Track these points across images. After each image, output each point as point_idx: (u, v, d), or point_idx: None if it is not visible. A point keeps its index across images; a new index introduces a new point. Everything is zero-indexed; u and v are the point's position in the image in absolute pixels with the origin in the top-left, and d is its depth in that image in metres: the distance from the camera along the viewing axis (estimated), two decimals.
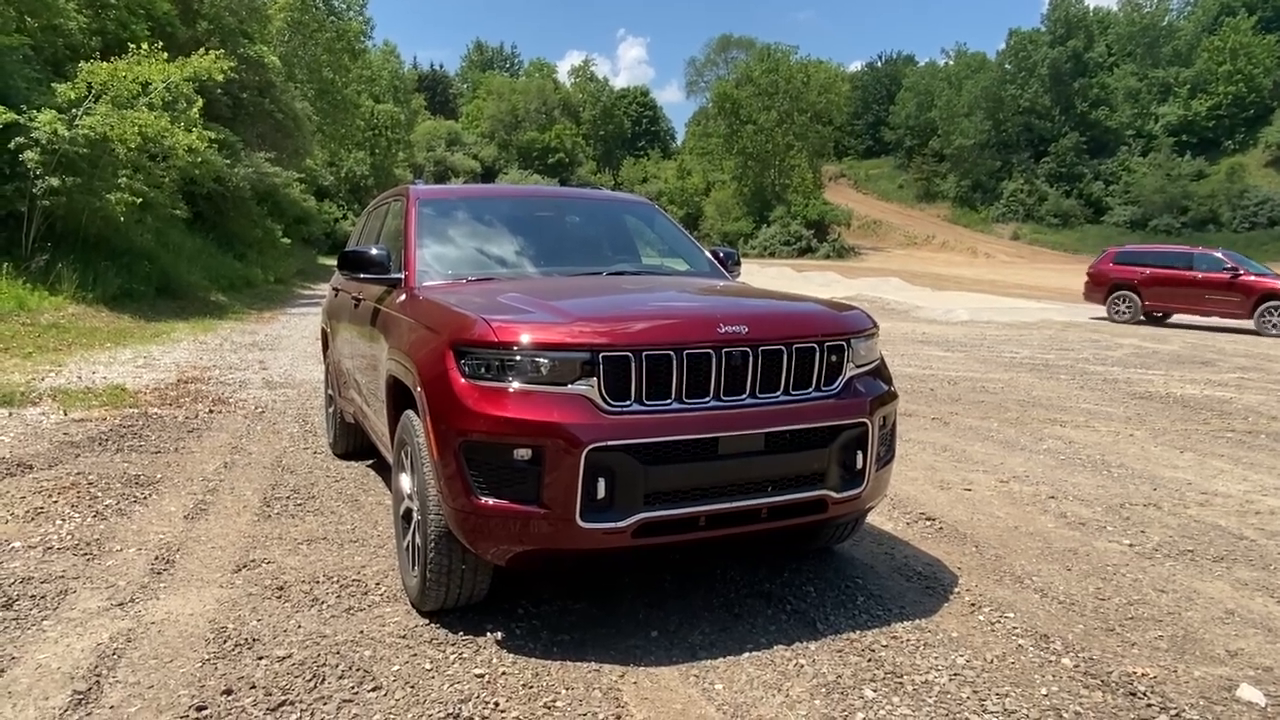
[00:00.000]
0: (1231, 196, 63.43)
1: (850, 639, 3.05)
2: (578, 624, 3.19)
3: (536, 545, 2.85)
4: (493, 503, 2.81)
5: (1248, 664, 2.96)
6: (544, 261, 4.24)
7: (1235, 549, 4.14)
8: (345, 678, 2.79)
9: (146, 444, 6.15)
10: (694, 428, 2.85)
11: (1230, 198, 63.46)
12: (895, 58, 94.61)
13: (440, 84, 77.85)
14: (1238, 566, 3.90)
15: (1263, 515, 4.70)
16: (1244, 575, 3.80)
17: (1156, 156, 68.35)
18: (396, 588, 3.54)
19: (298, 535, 4.24)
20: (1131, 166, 69.74)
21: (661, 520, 2.84)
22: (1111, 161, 71.42)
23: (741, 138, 66.34)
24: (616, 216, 4.92)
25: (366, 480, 5.32)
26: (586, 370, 2.80)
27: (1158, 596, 3.51)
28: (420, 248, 4.03)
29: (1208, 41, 69.48)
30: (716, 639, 3.05)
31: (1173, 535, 4.31)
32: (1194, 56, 70.65)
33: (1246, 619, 3.33)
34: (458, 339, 2.91)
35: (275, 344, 12.50)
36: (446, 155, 64.88)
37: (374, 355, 4.03)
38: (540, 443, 2.75)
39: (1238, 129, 68.08)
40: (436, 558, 3.03)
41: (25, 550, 4.01)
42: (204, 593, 3.53)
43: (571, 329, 2.86)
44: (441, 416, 2.88)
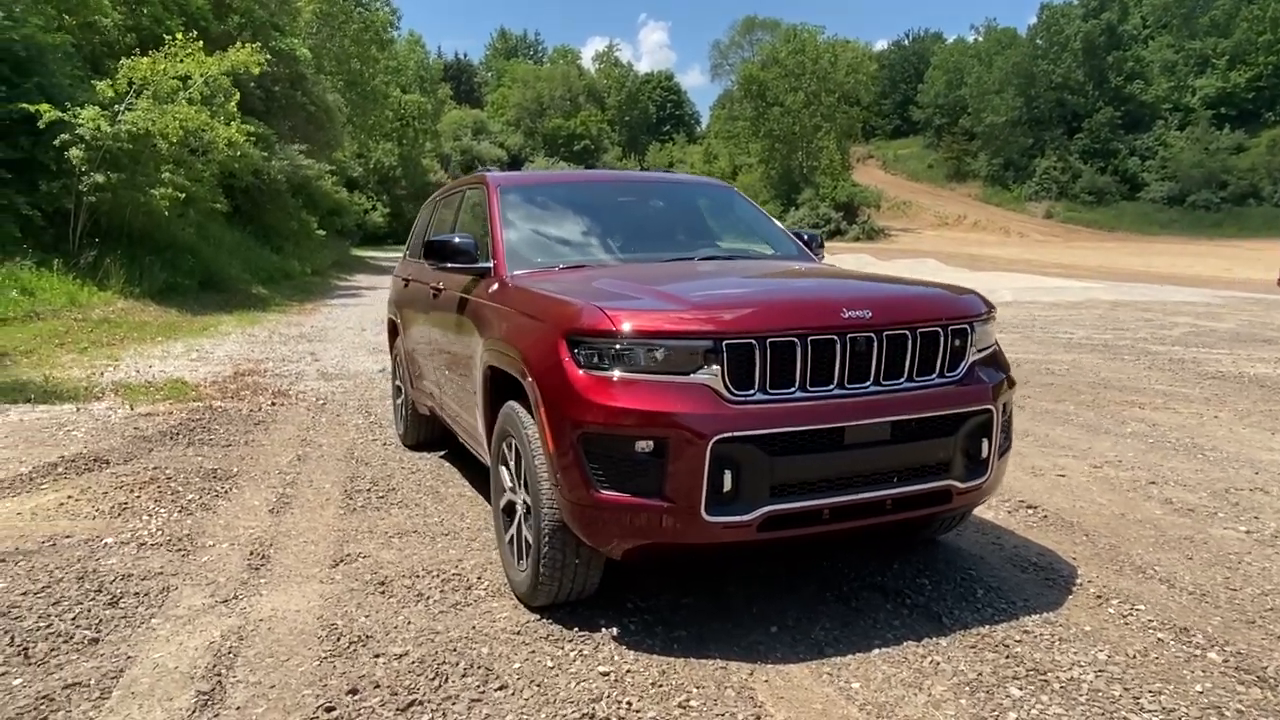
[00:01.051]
0: (1273, 170, 61.89)
1: (981, 634, 2.94)
2: (692, 619, 3.11)
3: (658, 539, 2.77)
4: (613, 496, 2.73)
5: None
6: (631, 247, 4.14)
7: None
8: (468, 676, 2.73)
9: (216, 437, 6.16)
10: (820, 417, 2.74)
11: (1271, 171, 61.93)
12: (923, 35, 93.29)
13: (465, 73, 77.87)
14: None
15: None
16: None
17: (1194, 130, 66.82)
18: (499, 582, 3.48)
19: (387, 528, 4.20)
20: (1168, 141, 68.27)
21: (787, 513, 2.74)
22: (1147, 136, 69.94)
23: (768, 120, 65.72)
24: (696, 200, 4.81)
25: (443, 472, 5.28)
26: (709, 358, 2.70)
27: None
28: (506, 235, 3.95)
29: (1247, 11, 67.68)
30: (840, 634, 2.96)
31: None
32: (1233, 27, 68.83)
33: None
34: (572, 328, 2.83)
35: (322, 335, 12.54)
36: (473, 144, 64.87)
37: (463, 346, 3.97)
38: (663, 434, 2.66)
39: (1279, 100, 66.32)
40: (550, 552, 2.96)
41: (119, 547, 4.00)
42: (305, 588, 3.49)
43: (693, 316, 2.77)
44: (558, 408, 2.80)
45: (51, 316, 11.51)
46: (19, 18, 13.90)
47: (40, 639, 3.05)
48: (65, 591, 3.48)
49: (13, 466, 5.30)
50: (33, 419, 6.62)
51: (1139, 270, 30.26)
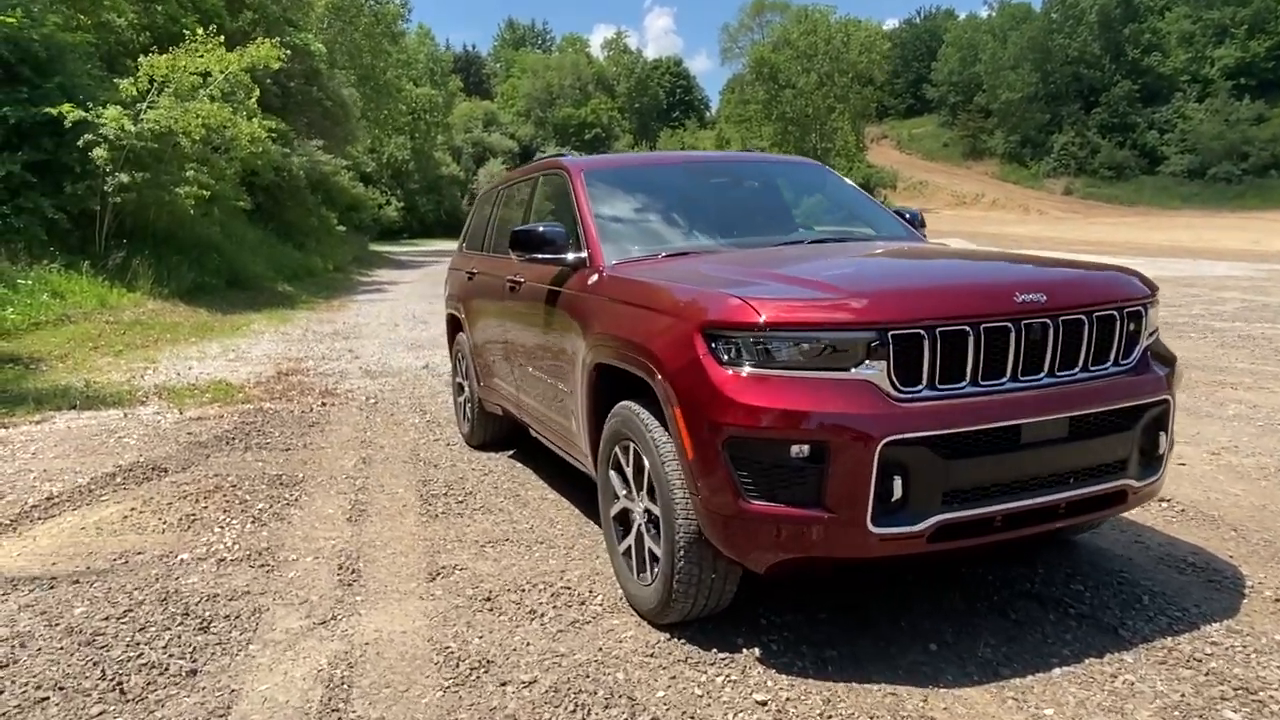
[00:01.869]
0: (831, 173, 60.84)
1: (1166, 647, 2.67)
2: (837, 635, 2.86)
3: (813, 553, 2.51)
4: (764, 507, 2.47)
5: None
6: (731, 231, 3.87)
7: None
8: (612, 707, 2.48)
9: (273, 441, 5.94)
10: (996, 414, 2.47)
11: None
12: (935, 12, 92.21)
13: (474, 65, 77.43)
14: None
15: None
16: None
17: (1214, 102, 65.82)
18: (614, 595, 3.23)
19: (475, 536, 3.96)
20: (1187, 113, 67.27)
21: (960, 522, 2.48)
22: (1166, 109, 68.97)
23: (781, 102, 65.10)
24: (789, 179, 4.53)
25: (517, 473, 5.04)
26: (874, 351, 2.43)
27: None
28: (598, 223, 3.69)
29: None
30: (1009, 652, 2.70)
31: None
32: None
33: None
34: (710, 320, 2.56)
35: (357, 332, 12.33)
36: (484, 136, 64.50)
37: (555, 342, 3.71)
38: (823, 438, 2.40)
39: None
40: (685, 566, 2.71)
41: (197, 563, 3.78)
42: (406, 606, 3.26)
43: (853, 304, 2.50)
44: (698, 410, 2.54)
45: (83, 319, 11.34)
46: (38, 17, 13.70)
47: (134, 671, 2.83)
48: (150, 616, 3.25)
49: (69, 477, 5.10)
50: (80, 426, 6.42)
51: (1165, 245, 29.69)
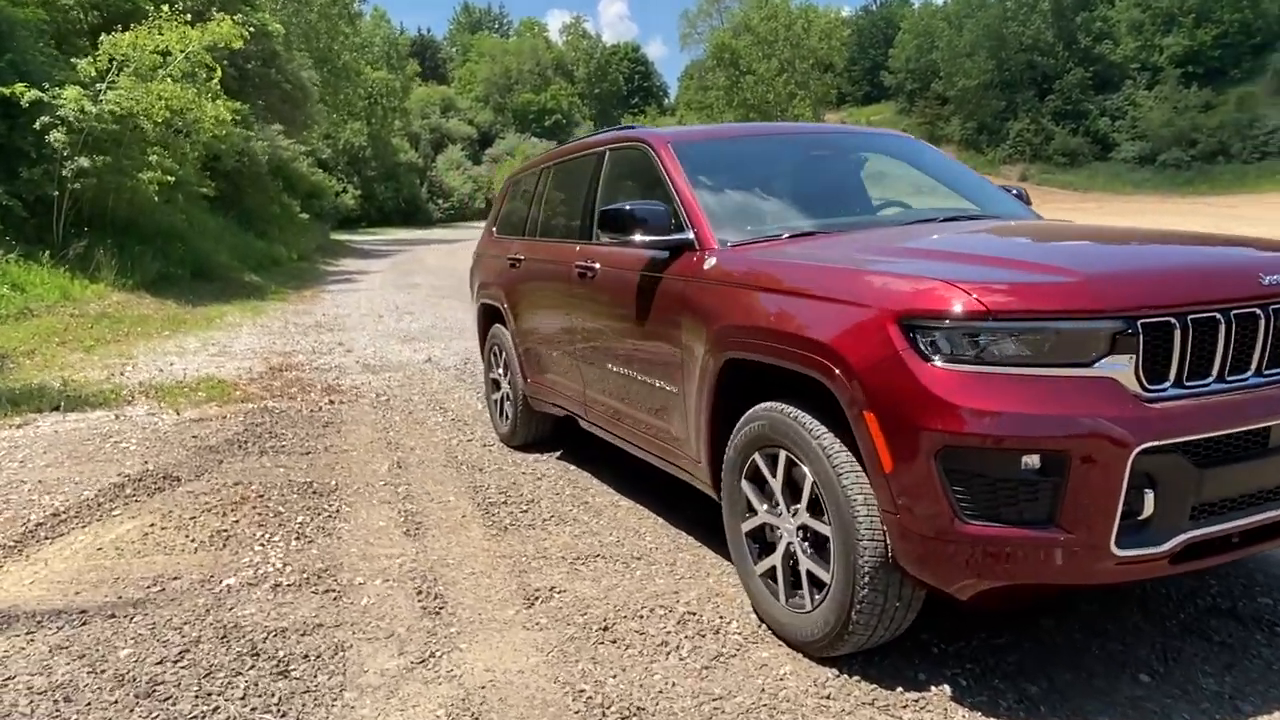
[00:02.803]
0: (1241, 127, 62.31)
1: None
2: (1026, 664, 2.53)
3: (1041, 580, 2.16)
4: (985, 528, 2.11)
5: None
6: (849, 209, 3.52)
7: None
8: None
9: (288, 444, 5.46)
10: (1249, 415, 2.15)
11: (1240, 128, 62.34)
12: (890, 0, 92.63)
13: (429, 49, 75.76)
14: None
15: None
16: None
17: (1163, 89, 67.02)
18: (749, 623, 2.86)
19: (559, 552, 3.56)
20: (1138, 101, 68.47)
21: (1205, 539, 2.15)
22: (1117, 96, 70.14)
23: (742, 89, 64.87)
24: (892, 153, 4.16)
25: (572, 476, 4.63)
26: (1118, 343, 2.08)
27: None
28: (702, 201, 3.29)
29: None
30: (1238, 682, 2.38)
31: None
32: None
33: None
34: (915, 309, 2.19)
35: (340, 324, 11.76)
36: (442, 122, 63.25)
37: (654, 335, 3.30)
38: (1063, 446, 2.05)
39: (1244, 57, 66.59)
40: (869, 595, 2.34)
41: (248, 589, 3.33)
42: (511, 638, 2.85)
43: (1094, 287, 2.15)
44: (903, 415, 2.16)
45: (46, 313, 10.62)
46: None
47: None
48: (213, 658, 2.80)
49: (70, 489, 4.58)
50: (69, 430, 5.86)
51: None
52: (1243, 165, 61.43)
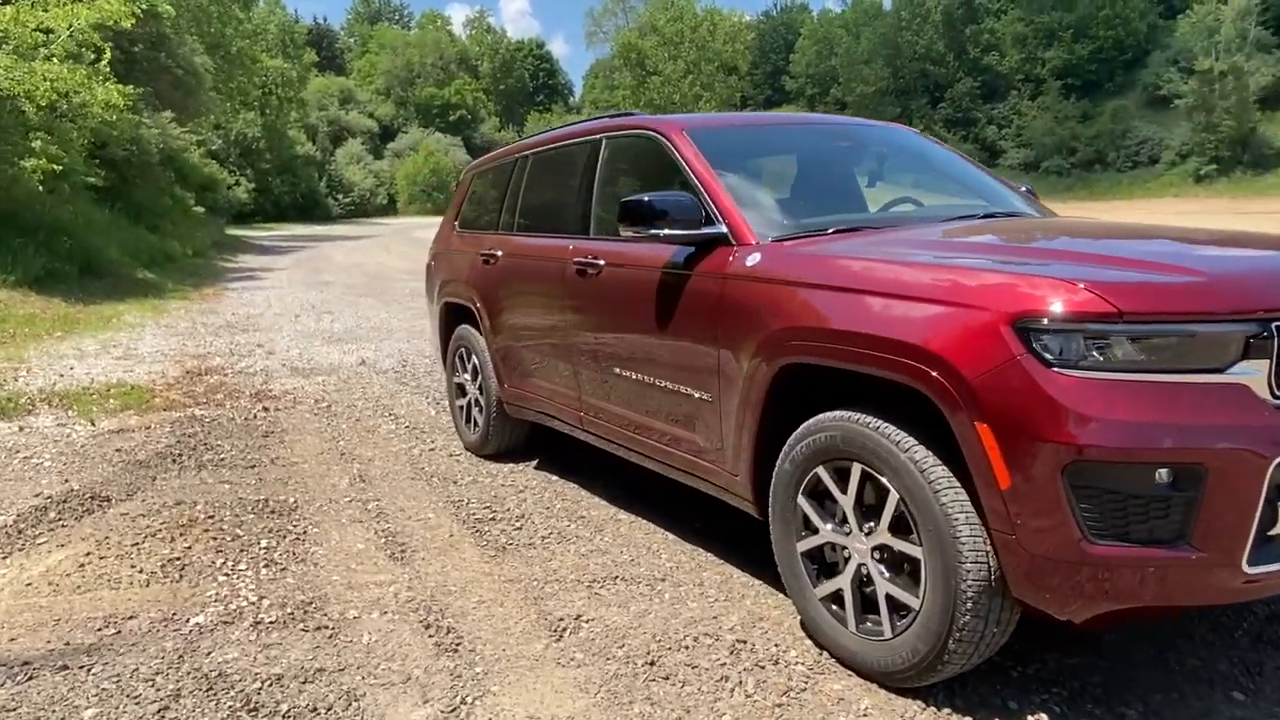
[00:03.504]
0: (1115, 137, 66.15)
1: None
2: (1111, 686, 2.38)
3: (1166, 601, 2.01)
4: (1114, 548, 1.95)
5: None
6: (887, 204, 3.33)
7: None
8: None
9: (228, 457, 4.96)
10: None
11: (1114, 139, 66.18)
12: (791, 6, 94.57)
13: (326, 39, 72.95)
14: None
15: None
16: None
17: (1045, 100, 70.50)
18: (809, 651, 2.64)
19: (573, 575, 3.26)
20: (1022, 110, 71.83)
21: None
22: (1004, 105, 73.39)
23: (648, 89, 65.09)
24: (909, 148, 4.00)
25: (557, 488, 4.32)
26: (1252, 348, 1.95)
27: None
28: (734, 193, 3.05)
29: None
30: None
31: None
32: (1075, 2, 72.85)
33: None
34: (1033, 310, 2.00)
35: (253, 325, 11.03)
36: (341, 114, 61.01)
37: (685, 337, 3.03)
38: (1199, 459, 1.90)
39: (1118, 72, 70.73)
40: (972, 621, 2.15)
41: (221, 628, 2.91)
42: (548, 678, 2.55)
43: (1227, 288, 2.01)
44: (1024, 427, 1.97)
45: None
46: None
47: None
48: (200, 716, 2.40)
49: None
50: None
51: None
52: (1117, 173, 65.23)
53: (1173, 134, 60.61)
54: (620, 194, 3.58)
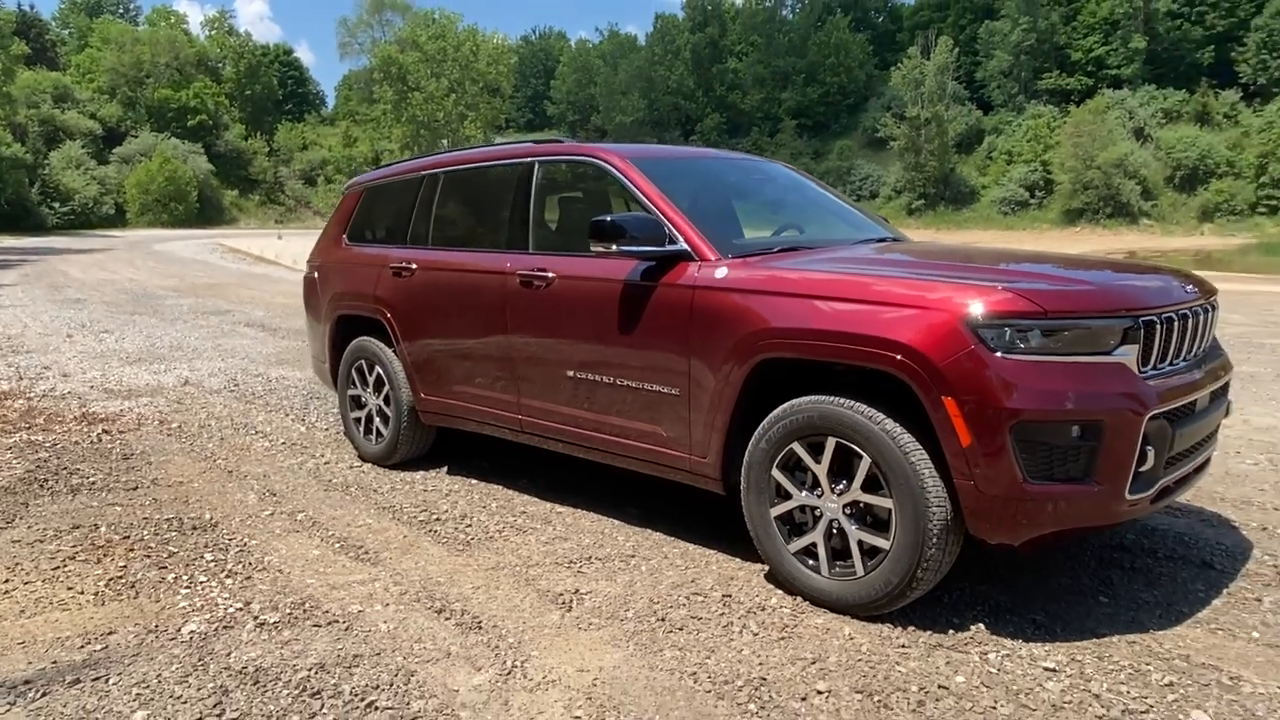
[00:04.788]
0: (842, 173, 73.76)
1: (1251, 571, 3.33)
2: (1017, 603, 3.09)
3: (1075, 525, 2.75)
4: (1044, 486, 2.65)
5: None
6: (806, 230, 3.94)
7: None
8: (935, 697, 2.48)
9: (98, 480, 4.70)
10: (1193, 389, 2.91)
11: (841, 174, 73.76)
12: (549, 33, 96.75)
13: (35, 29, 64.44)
14: None
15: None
16: None
17: (783, 137, 77.26)
18: (783, 598, 3.14)
19: (546, 560, 3.55)
20: (762, 145, 78.11)
21: (1169, 484, 2.89)
22: (746, 140, 79.41)
23: (411, 105, 63.82)
24: (792, 179, 4.65)
25: (481, 489, 4.52)
26: (1128, 335, 2.73)
27: None
28: (688, 215, 3.54)
29: (816, 36, 79.69)
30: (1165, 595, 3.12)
31: None
32: (806, 48, 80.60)
33: None
34: (985, 311, 2.66)
35: (20, 346, 9.88)
36: (56, 114, 54.22)
37: (653, 340, 3.45)
38: (1100, 417, 2.64)
39: (843, 114, 79.08)
40: (935, 553, 2.77)
41: (224, 632, 2.95)
42: (577, 640, 2.86)
43: (1113, 293, 2.78)
44: (979, 398, 2.62)
45: None
46: None
47: None
48: (266, 705, 2.50)
49: None
50: None
51: None
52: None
53: (889, 171, 68.44)
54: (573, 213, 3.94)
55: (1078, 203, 54.89)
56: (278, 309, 13.79)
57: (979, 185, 63.86)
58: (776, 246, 3.54)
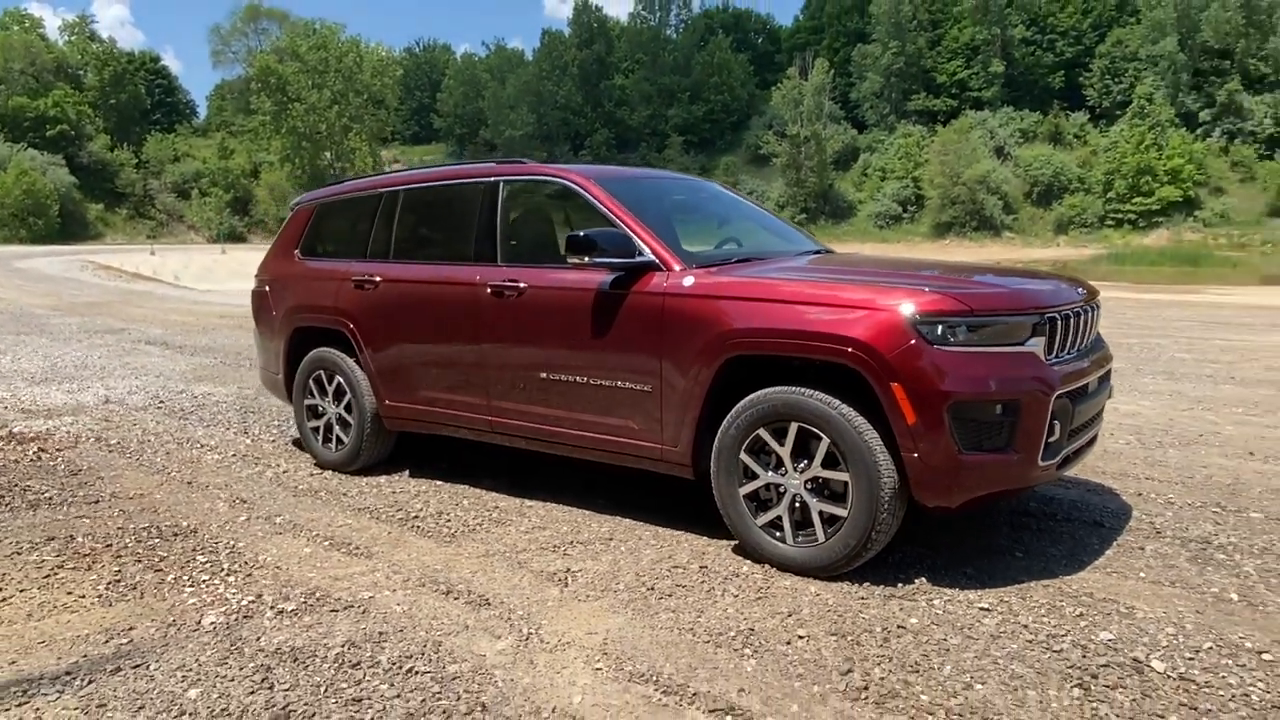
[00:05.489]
0: (729, 189, 75.73)
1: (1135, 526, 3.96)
2: (950, 561, 3.61)
3: (1000, 488, 3.28)
4: (976, 456, 3.17)
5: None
6: (744, 243, 4.40)
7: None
8: (895, 636, 2.94)
9: (53, 496, 4.74)
10: (1084, 373, 3.50)
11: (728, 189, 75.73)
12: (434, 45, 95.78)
13: None
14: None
15: None
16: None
17: (670, 153, 78.83)
18: (751, 567, 3.56)
19: (531, 546, 3.86)
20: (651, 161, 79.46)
21: (1070, 454, 3.47)
22: (634, 156, 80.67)
23: (291, 116, 62.03)
24: (729, 197, 5.13)
25: (448, 489, 4.75)
26: (1036, 330, 3.28)
27: None
28: (655, 230, 3.95)
29: (699, 56, 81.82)
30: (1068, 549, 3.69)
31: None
32: (691, 67, 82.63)
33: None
34: (923, 310, 3.16)
35: None
36: None
37: (626, 343, 3.82)
38: (1018, 396, 3.18)
39: (727, 131, 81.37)
40: (887, 517, 3.25)
41: (245, 621, 3.15)
42: (579, 609, 3.20)
43: (1022, 295, 3.35)
44: (921, 384, 3.11)
45: None
46: None
47: None
48: (310, 678, 2.74)
49: None
50: None
51: None
52: None
53: (772, 187, 70.70)
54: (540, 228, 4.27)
55: (946, 216, 58.34)
56: (175, 326, 13.45)
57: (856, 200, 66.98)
58: (734, 257, 3.99)
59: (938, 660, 2.78)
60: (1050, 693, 2.58)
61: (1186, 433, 5.74)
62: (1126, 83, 62.28)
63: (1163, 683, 2.62)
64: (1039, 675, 2.68)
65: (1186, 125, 58.21)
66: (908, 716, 2.48)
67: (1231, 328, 11.91)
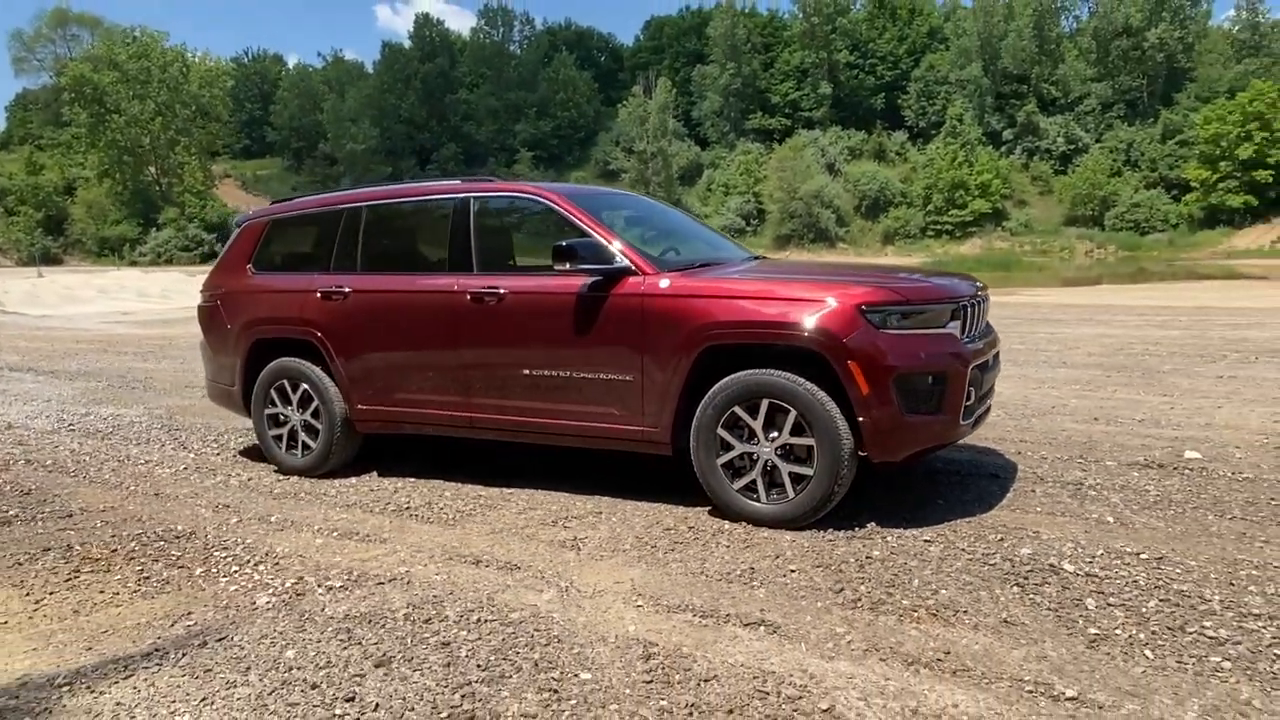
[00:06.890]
0: (663, 202, 76.46)
1: (1023, 477, 4.84)
2: (896, 507, 4.36)
3: (933, 444, 4.05)
4: (915, 418, 3.92)
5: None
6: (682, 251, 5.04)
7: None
8: (867, 566, 3.63)
9: (19, 514, 4.78)
10: (984, 351, 4.33)
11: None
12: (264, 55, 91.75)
13: None
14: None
15: None
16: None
17: (519, 168, 78.98)
18: (727, 526, 4.17)
19: (529, 524, 4.30)
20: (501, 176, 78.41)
21: (979, 416, 4.28)
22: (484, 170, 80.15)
23: (110, 128, 57.99)
24: (668, 211, 5.73)
25: (423, 485, 5.10)
26: (954, 315, 4.07)
27: None
28: (627, 239, 4.51)
29: (545, 71, 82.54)
30: (974, 495, 4.56)
31: None
32: (537, 83, 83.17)
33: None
34: (868, 301, 3.88)
35: None
36: None
37: (606, 339, 4.34)
38: (945, 368, 3.95)
39: (575, 147, 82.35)
40: (847, 473, 3.94)
41: (298, 599, 3.47)
42: (598, 568, 3.70)
43: (942, 289, 4.12)
44: (873, 361, 3.80)
45: None
46: None
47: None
48: (394, 632, 3.13)
49: None
50: None
51: None
52: None
53: None
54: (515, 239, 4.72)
55: (786, 229, 61.51)
56: (32, 353, 12.74)
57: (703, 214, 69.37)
58: (697, 262, 4.62)
59: (905, 577, 3.48)
60: (996, 591, 3.33)
61: (1041, 406, 6.83)
62: (940, 104, 67.80)
63: (1075, 578, 3.42)
64: (984, 581, 3.43)
65: (993, 143, 64.11)
66: (897, 615, 3.15)
67: (1050, 323, 13.63)
